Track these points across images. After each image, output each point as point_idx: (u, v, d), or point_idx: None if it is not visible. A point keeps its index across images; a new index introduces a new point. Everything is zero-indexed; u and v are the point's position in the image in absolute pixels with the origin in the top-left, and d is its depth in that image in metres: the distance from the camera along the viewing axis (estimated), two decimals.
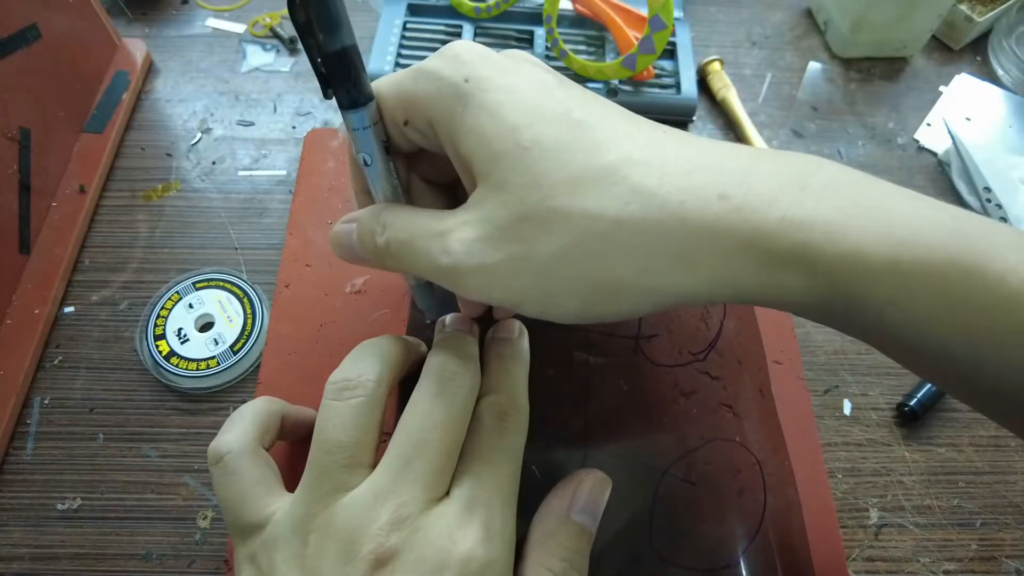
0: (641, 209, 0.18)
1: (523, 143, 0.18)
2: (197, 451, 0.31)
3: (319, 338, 0.33)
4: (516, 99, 0.19)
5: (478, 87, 0.19)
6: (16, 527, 0.30)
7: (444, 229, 0.20)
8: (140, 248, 0.37)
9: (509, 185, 0.19)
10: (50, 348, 0.34)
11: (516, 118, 0.19)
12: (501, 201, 0.19)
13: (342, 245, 0.23)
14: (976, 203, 0.41)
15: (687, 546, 0.27)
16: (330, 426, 0.21)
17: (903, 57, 0.48)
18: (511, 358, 0.26)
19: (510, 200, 0.19)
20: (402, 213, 0.22)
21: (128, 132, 0.42)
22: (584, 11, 0.45)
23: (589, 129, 0.19)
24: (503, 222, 0.19)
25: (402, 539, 0.20)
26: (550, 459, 0.29)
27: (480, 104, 0.19)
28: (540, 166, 0.18)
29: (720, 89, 0.44)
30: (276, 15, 0.47)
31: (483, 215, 0.19)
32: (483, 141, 0.19)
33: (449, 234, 0.20)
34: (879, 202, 0.18)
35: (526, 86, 0.20)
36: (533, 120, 0.19)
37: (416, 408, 0.22)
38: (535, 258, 0.18)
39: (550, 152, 0.18)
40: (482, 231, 0.19)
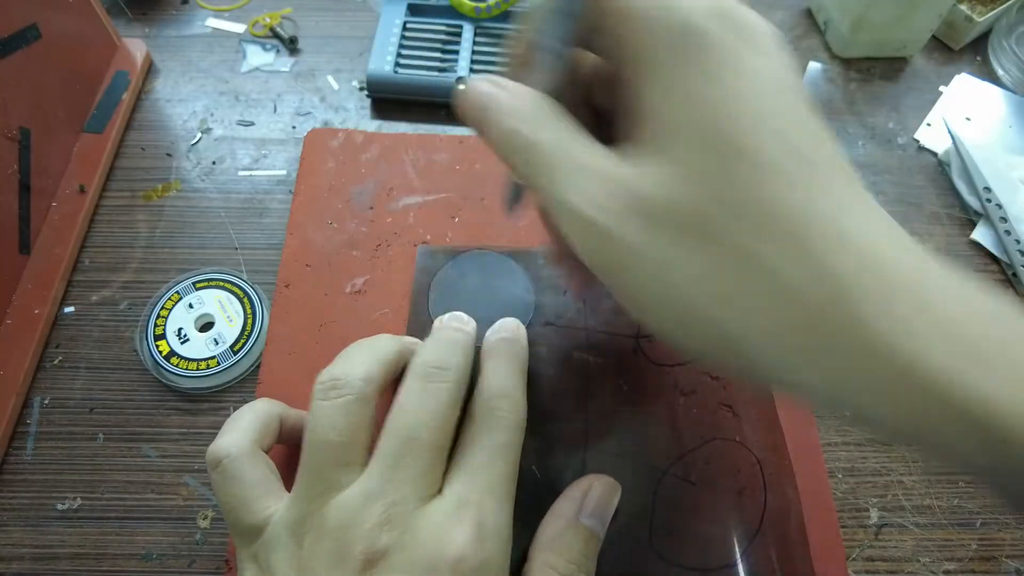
0: (816, 291, 0.15)
1: (728, 137, 0.16)
2: (197, 451, 0.31)
3: (319, 338, 0.33)
4: (745, 88, 0.16)
5: (713, 48, 0.16)
6: (16, 527, 0.30)
7: (587, 164, 0.17)
8: (140, 248, 0.37)
9: (687, 170, 0.16)
10: (50, 348, 0.34)
11: (736, 107, 0.16)
12: (668, 178, 0.16)
13: (469, 103, 0.20)
14: (976, 203, 0.41)
15: (687, 546, 0.27)
16: (319, 426, 0.21)
17: (903, 57, 0.48)
18: (507, 355, 0.25)
19: (680, 184, 0.16)
20: (554, 116, 0.18)
21: (128, 132, 0.42)
22: None
23: (811, 169, 0.16)
24: (660, 202, 0.16)
25: (392, 539, 0.19)
26: (550, 459, 0.29)
27: (704, 68, 0.16)
28: (734, 172, 0.15)
29: None
30: (276, 15, 0.47)
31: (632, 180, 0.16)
32: (681, 105, 0.16)
33: (592, 176, 0.17)
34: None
35: (764, 80, 0.16)
36: (751, 121, 0.16)
37: (401, 406, 0.22)
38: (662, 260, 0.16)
39: (764, 174, 0.15)
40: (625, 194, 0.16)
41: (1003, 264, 0.39)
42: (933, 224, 0.40)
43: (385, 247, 0.35)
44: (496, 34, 0.45)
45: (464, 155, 0.39)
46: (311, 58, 0.46)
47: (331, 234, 0.36)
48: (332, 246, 0.35)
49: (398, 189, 0.38)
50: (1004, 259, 0.39)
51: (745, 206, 0.15)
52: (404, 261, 0.35)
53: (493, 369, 0.25)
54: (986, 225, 0.40)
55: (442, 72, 0.43)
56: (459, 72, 0.43)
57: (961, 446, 0.15)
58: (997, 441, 0.14)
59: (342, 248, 0.35)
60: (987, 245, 0.39)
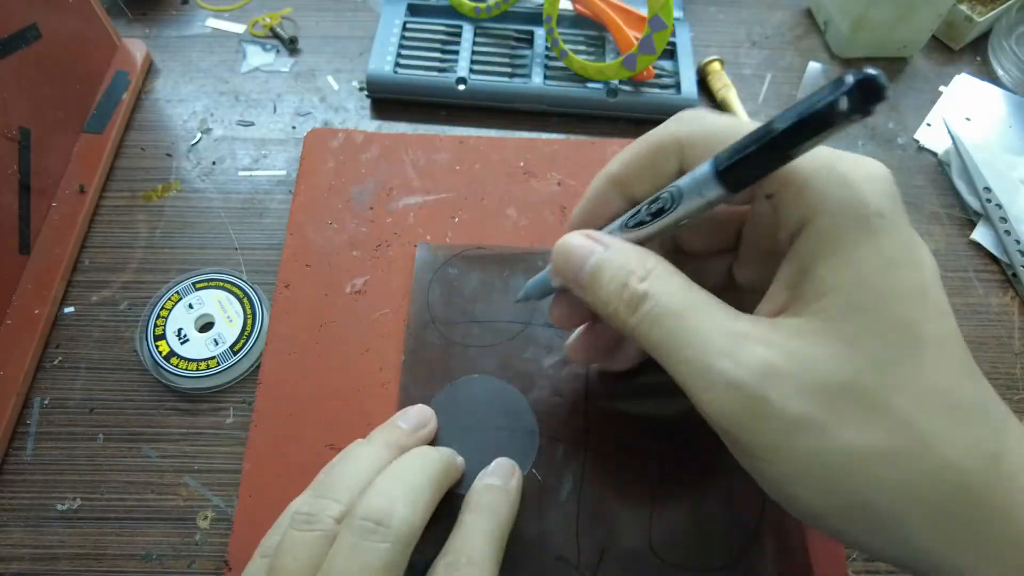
0: (977, 468, 0.16)
1: (900, 319, 0.16)
2: (197, 451, 0.31)
3: (319, 338, 0.33)
4: (915, 272, 0.17)
5: (889, 231, 0.17)
6: (16, 527, 0.30)
7: (741, 332, 0.17)
8: (140, 248, 0.37)
9: (860, 348, 0.16)
10: (50, 348, 0.34)
11: (907, 290, 0.16)
12: (839, 355, 0.16)
13: (570, 261, 0.20)
14: (976, 203, 0.41)
15: (686, 546, 0.27)
16: (283, 552, 0.21)
17: (903, 57, 0.48)
18: (488, 512, 0.24)
19: (851, 362, 0.16)
20: (677, 275, 0.19)
21: (128, 132, 0.42)
22: (584, 11, 0.45)
23: (962, 350, 0.17)
24: (827, 378, 0.16)
25: None
26: (550, 460, 0.29)
27: (881, 250, 0.17)
28: (903, 352, 0.16)
29: (720, 89, 0.44)
30: (276, 15, 0.47)
31: (805, 353, 0.16)
32: (860, 287, 0.16)
33: (747, 342, 0.17)
34: None
35: (927, 264, 0.17)
36: (923, 304, 0.16)
37: (329, 561, 0.20)
38: (829, 436, 0.16)
39: (922, 347, 0.16)
40: (793, 368, 0.16)
41: (1003, 264, 0.39)
42: (933, 224, 0.40)
43: (385, 247, 0.35)
44: (496, 34, 0.45)
45: (464, 155, 0.39)
46: (311, 58, 0.46)
47: (331, 234, 0.36)
48: (332, 246, 0.35)
49: (398, 189, 0.38)
50: (1004, 259, 0.39)
51: (916, 385, 0.16)
52: (404, 261, 0.35)
53: (469, 526, 0.23)
54: (986, 225, 0.40)
55: (442, 72, 0.43)
56: (459, 72, 0.43)
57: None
58: None
59: (342, 248, 0.35)
60: (987, 245, 0.39)
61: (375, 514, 0.21)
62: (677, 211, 0.19)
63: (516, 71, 0.44)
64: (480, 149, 0.39)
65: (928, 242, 0.39)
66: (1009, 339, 0.36)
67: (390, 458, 0.24)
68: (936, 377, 0.16)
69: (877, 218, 0.17)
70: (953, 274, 0.38)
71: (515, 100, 0.43)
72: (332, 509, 0.22)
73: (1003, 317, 0.37)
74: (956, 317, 0.17)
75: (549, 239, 0.36)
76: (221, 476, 0.31)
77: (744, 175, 0.18)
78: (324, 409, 0.31)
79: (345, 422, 0.30)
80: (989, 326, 0.36)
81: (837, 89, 0.15)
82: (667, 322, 0.18)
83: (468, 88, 0.42)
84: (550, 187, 0.38)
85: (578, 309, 0.24)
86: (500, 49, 0.45)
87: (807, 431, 0.16)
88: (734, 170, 0.18)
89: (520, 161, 0.39)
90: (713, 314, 0.18)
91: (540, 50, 0.44)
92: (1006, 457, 0.16)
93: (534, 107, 0.43)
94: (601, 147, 0.40)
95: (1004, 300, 0.38)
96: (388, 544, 0.20)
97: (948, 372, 0.16)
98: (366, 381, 0.31)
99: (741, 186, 0.18)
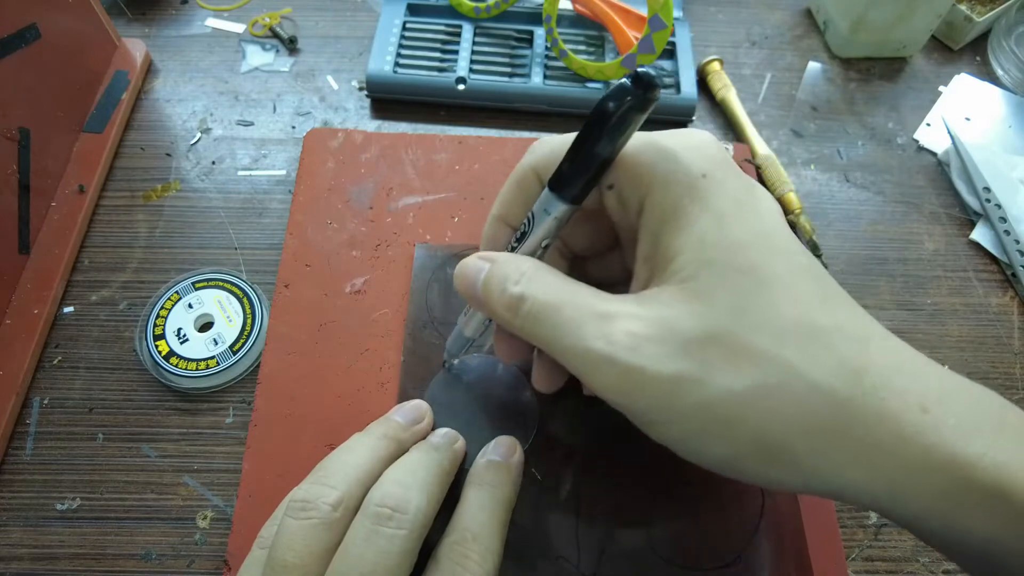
0: (843, 387, 0.16)
1: (743, 265, 0.17)
2: (197, 451, 0.31)
3: (319, 338, 0.33)
4: (749, 218, 0.18)
5: (714, 188, 0.18)
6: (16, 527, 0.30)
7: (608, 312, 0.18)
8: (139, 248, 0.37)
9: (712, 300, 0.17)
10: (49, 348, 0.34)
11: (744, 237, 0.18)
12: (695, 312, 0.17)
13: (466, 281, 0.21)
14: (976, 203, 0.41)
15: (686, 545, 0.27)
16: (280, 544, 0.21)
17: (903, 57, 0.48)
18: (491, 487, 0.24)
19: (707, 315, 0.17)
20: (551, 274, 0.20)
21: (128, 132, 0.42)
22: (584, 11, 0.45)
23: (813, 280, 0.18)
24: (689, 334, 0.17)
25: None
26: (550, 460, 0.29)
27: (711, 206, 0.18)
28: (753, 295, 0.17)
29: (720, 89, 0.44)
30: (275, 15, 0.47)
31: (665, 317, 0.17)
32: (700, 244, 0.18)
33: (614, 320, 0.18)
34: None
35: (762, 209, 0.19)
36: (764, 248, 0.18)
37: (345, 548, 0.20)
38: (708, 387, 0.17)
39: (769, 286, 0.17)
40: (658, 333, 0.17)
41: (1002, 264, 0.39)
42: (932, 224, 0.40)
43: (385, 247, 0.35)
44: (496, 34, 0.45)
45: (464, 155, 0.39)
46: (311, 58, 0.46)
47: (331, 234, 0.36)
48: (332, 246, 0.35)
49: (398, 189, 0.38)
50: (1003, 259, 0.39)
51: (771, 322, 0.17)
52: (404, 261, 0.35)
53: (472, 502, 0.23)
54: (985, 225, 0.40)
55: (442, 72, 0.43)
56: (459, 72, 0.43)
57: (979, 517, 0.16)
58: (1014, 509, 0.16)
59: (342, 248, 0.35)
60: (986, 245, 0.39)
61: (391, 501, 0.21)
62: (536, 231, 0.21)
63: (516, 71, 0.44)
64: (480, 149, 0.39)
65: (928, 242, 0.39)
66: (1008, 339, 0.36)
67: (387, 449, 0.24)
68: (788, 310, 0.17)
69: (702, 179, 0.18)
70: (952, 274, 0.38)
71: (515, 100, 0.43)
72: (328, 496, 0.21)
73: (1002, 317, 0.37)
74: (955, 317, 0.18)
75: None
76: (221, 476, 0.31)
77: (571, 184, 0.20)
78: (323, 409, 0.31)
79: (344, 422, 0.30)
80: (988, 326, 0.37)
81: (613, 87, 0.17)
82: (545, 317, 0.19)
83: (468, 88, 0.42)
84: None
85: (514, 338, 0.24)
86: (500, 49, 0.45)
87: (686, 388, 0.17)
88: (561, 183, 0.20)
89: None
90: (584, 302, 0.19)
91: (540, 50, 0.44)
92: (869, 370, 0.17)
93: (534, 107, 0.43)
94: None
95: (1003, 300, 0.38)
96: (404, 531, 0.21)
97: (799, 303, 0.17)
98: (365, 381, 0.31)
99: (579, 195, 0.20)
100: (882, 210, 0.41)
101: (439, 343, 0.32)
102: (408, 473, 0.23)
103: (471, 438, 0.27)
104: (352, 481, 0.22)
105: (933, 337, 0.36)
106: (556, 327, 0.19)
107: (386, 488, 0.22)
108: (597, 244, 0.24)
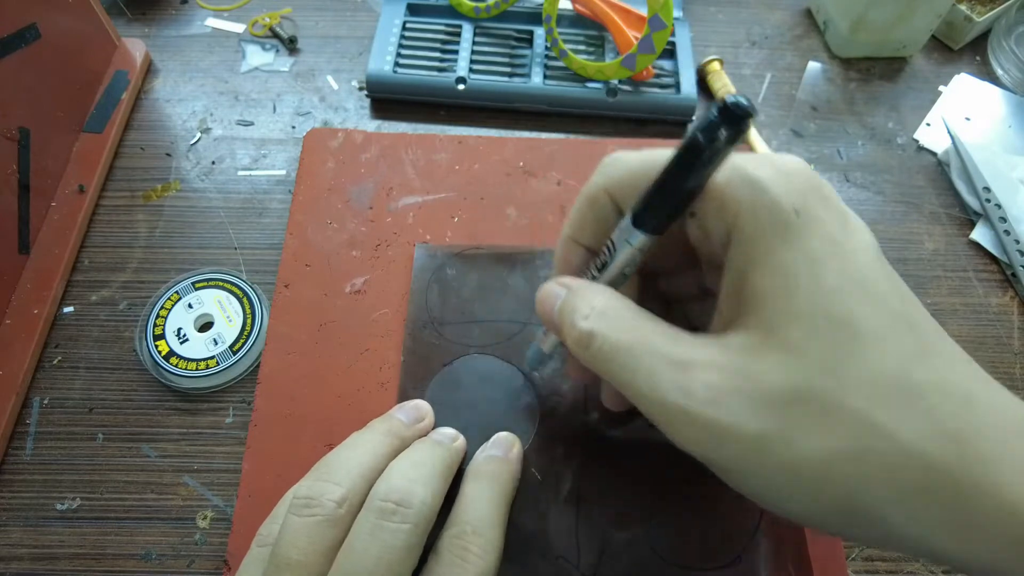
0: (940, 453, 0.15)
1: (835, 316, 0.16)
2: (197, 451, 0.31)
3: (319, 338, 0.33)
4: (844, 261, 0.17)
5: (807, 227, 0.17)
6: (15, 527, 0.30)
7: (685, 360, 0.17)
8: (139, 248, 0.37)
9: (801, 354, 0.16)
10: (49, 348, 0.34)
11: (838, 282, 0.16)
12: (782, 365, 0.16)
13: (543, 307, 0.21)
14: (976, 203, 0.41)
15: (686, 545, 0.27)
16: (283, 541, 0.21)
17: (903, 57, 0.48)
18: (491, 479, 0.24)
19: (795, 370, 0.16)
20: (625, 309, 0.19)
21: (127, 132, 0.42)
22: (583, 11, 0.45)
23: (910, 329, 0.16)
24: (775, 390, 0.16)
25: None
26: (550, 460, 0.29)
27: (804, 248, 0.16)
28: (844, 350, 0.16)
29: (720, 89, 0.44)
30: (275, 15, 0.47)
31: (749, 368, 0.16)
32: (790, 290, 0.16)
33: (692, 369, 0.17)
34: None
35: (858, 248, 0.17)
36: (858, 295, 0.16)
37: (349, 544, 0.20)
38: (794, 447, 0.16)
39: (862, 339, 0.16)
40: (741, 386, 0.16)
41: (1002, 264, 0.39)
42: (932, 224, 0.40)
43: (385, 247, 0.35)
44: (496, 34, 0.45)
45: (464, 155, 0.39)
46: (311, 58, 0.46)
47: (331, 234, 0.36)
48: (332, 246, 0.35)
49: (398, 189, 0.38)
50: (1003, 259, 0.39)
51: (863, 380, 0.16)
52: (404, 261, 0.35)
53: (472, 495, 0.23)
54: (985, 225, 0.40)
55: (442, 72, 0.43)
56: (459, 72, 0.43)
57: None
58: None
59: (342, 248, 0.35)
60: (986, 245, 0.39)
61: (396, 496, 0.21)
62: (616, 261, 0.20)
63: (516, 71, 0.44)
64: (480, 149, 0.39)
65: (928, 242, 0.39)
66: (1008, 339, 0.36)
67: (389, 446, 0.24)
68: (882, 366, 0.16)
69: (794, 216, 0.17)
70: (952, 274, 0.38)
71: (515, 100, 0.43)
72: (333, 492, 0.21)
73: (1002, 317, 0.37)
74: (955, 317, 0.17)
75: (549, 239, 0.36)
76: (220, 476, 0.31)
77: (656, 218, 0.19)
78: (323, 409, 0.31)
79: (344, 422, 0.30)
80: (988, 326, 0.36)
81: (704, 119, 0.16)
82: (615, 358, 0.18)
83: (468, 88, 0.42)
84: (550, 187, 0.38)
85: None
86: (500, 49, 0.45)
87: (770, 446, 0.16)
88: (646, 217, 0.19)
89: (520, 161, 0.39)
90: (659, 346, 0.18)
91: (540, 50, 0.44)
92: (970, 435, 0.15)
93: (534, 107, 0.43)
94: (601, 147, 0.40)
95: (1003, 300, 0.38)
96: (409, 525, 0.20)
97: (894, 356, 0.16)
98: (365, 381, 0.31)
99: (661, 228, 0.19)
100: (882, 210, 0.41)
101: (439, 343, 0.32)
102: (412, 467, 0.22)
103: (471, 438, 0.27)
104: (355, 477, 0.22)
105: None
106: (628, 370, 0.18)
107: (390, 483, 0.22)
108: (673, 264, 0.23)
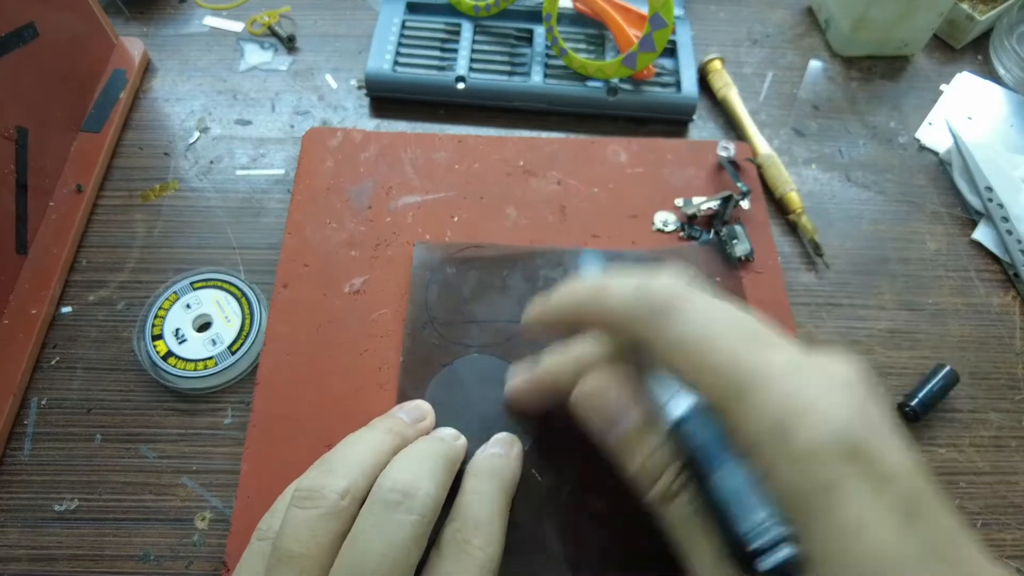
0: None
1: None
2: (195, 452, 0.31)
3: (318, 338, 0.33)
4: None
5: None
6: (13, 528, 0.30)
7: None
8: (137, 248, 0.37)
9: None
10: (47, 348, 0.34)
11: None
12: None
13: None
14: (978, 202, 0.40)
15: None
16: (285, 533, 0.21)
17: (904, 56, 0.48)
18: (491, 476, 0.24)
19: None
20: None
21: (125, 131, 0.42)
22: (584, 9, 0.45)
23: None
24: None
25: None
26: (550, 460, 0.28)
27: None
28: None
29: (721, 88, 0.44)
30: (274, 13, 0.47)
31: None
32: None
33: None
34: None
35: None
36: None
37: (354, 536, 0.20)
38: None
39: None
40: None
41: (1004, 264, 0.39)
42: (934, 223, 0.40)
43: (384, 247, 0.35)
44: (495, 33, 0.45)
45: (463, 154, 0.39)
46: (309, 57, 0.46)
47: (330, 234, 0.36)
48: (331, 246, 0.35)
49: (397, 188, 0.37)
50: (1005, 259, 0.39)
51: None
52: (403, 261, 0.35)
53: (472, 492, 0.23)
54: (987, 225, 0.40)
55: (441, 71, 0.43)
56: (458, 71, 0.42)
57: None
58: None
59: (341, 248, 0.35)
60: (988, 245, 0.39)
61: (401, 487, 0.21)
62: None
63: (516, 69, 0.44)
64: (479, 148, 0.39)
65: (929, 241, 0.39)
66: (1010, 339, 0.36)
67: (391, 443, 0.24)
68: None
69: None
70: (954, 274, 0.38)
71: (514, 99, 0.43)
72: (335, 485, 0.21)
73: (1004, 317, 0.37)
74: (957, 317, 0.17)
75: (548, 238, 0.36)
76: (219, 477, 0.31)
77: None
78: (322, 409, 0.31)
79: (343, 423, 0.30)
80: (990, 326, 0.36)
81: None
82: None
83: (467, 87, 0.42)
84: (550, 186, 0.38)
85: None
86: (499, 47, 0.45)
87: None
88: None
89: (520, 160, 0.39)
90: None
91: (540, 48, 0.44)
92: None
93: (534, 106, 0.43)
94: (601, 146, 0.40)
95: (1005, 300, 0.38)
96: (415, 517, 0.20)
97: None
98: (365, 381, 0.31)
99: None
100: (883, 209, 0.41)
101: (438, 343, 0.32)
102: (416, 461, 0.22)
103: (471, 438, 0.27)
104: (358, 472, 0.22)
105: (935, 337, 0.36)
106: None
107: (395, 475, 0.21)
108: None
